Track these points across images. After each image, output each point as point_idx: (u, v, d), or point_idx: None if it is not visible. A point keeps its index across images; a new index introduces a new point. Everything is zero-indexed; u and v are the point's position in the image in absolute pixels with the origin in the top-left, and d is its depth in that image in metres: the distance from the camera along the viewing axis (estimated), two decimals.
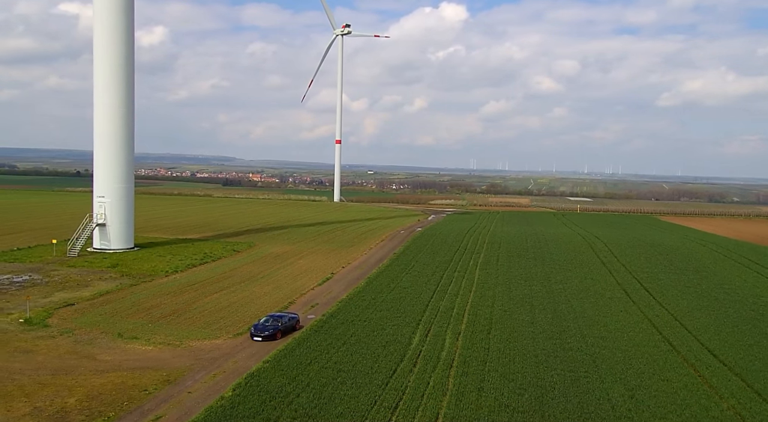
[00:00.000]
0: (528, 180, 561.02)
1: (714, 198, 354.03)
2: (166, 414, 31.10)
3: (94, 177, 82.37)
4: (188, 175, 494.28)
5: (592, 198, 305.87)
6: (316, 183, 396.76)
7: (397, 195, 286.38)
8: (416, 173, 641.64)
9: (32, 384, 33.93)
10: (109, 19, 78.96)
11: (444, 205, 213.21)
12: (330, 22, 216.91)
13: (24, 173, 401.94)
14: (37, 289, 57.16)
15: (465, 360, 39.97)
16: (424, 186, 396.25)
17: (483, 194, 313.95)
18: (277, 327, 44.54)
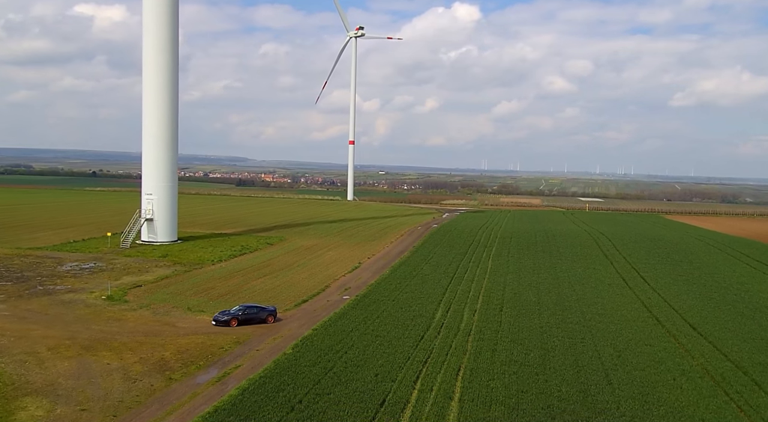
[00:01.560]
0: (539, 181, 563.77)
1: (726, 199, 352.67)
2: (243, 364, 39.08)
3: (142, 176, 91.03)
4: (201, 175, 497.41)
5: (604, 199, 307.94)
6: (328, 183, 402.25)
7: (408, 195, 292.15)
8: (427, 174, 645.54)
9: (132, 343, 42.09)
10: (157, 33, 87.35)
11: (455, 205, 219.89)
12: (344, 25, 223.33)
13: (41, 173, 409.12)
14: (106, 274, 65.60)
15: (481, 329, 47.65)
16: (436, 186, 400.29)
17: (494, 195, 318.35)
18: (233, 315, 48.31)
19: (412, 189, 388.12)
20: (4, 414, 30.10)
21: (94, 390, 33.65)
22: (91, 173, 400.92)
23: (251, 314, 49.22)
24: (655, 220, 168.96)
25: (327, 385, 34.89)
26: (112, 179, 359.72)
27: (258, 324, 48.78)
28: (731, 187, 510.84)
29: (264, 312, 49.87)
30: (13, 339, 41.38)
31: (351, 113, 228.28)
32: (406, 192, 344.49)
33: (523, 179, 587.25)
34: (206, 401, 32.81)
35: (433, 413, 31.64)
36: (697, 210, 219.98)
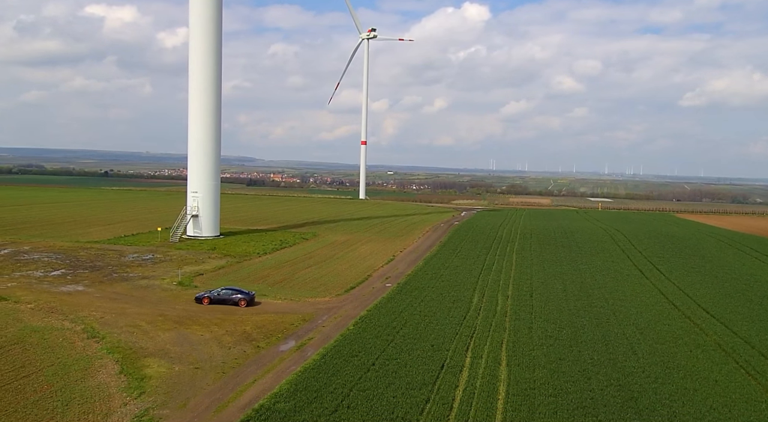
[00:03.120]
0: (548, 181, 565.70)
1: (737, 199, 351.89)
2: (314, 337, 45.17)
3: (188, 175, 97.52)
4: None
5: (613, 199, 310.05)
6: (337, 183, 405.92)
7: (418, 195, 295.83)
8: (436, 174, 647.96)
9: (214, 320, 48.31)
10: (203, 42, 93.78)
11: (465, 205, 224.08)
12: (356, 27, 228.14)
13: (54, 172, 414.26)
14: (167, 264, 72.02)
15: (516, 311, 53.54)
16: (445, 186, 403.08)
17: (504, 195, 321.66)
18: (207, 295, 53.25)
19: (421, 189, 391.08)
20: (135, 369, 36.34)
21: (198, 354, 39.86)
22: (103, 173, 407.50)
23: (225, 296, 53.09)
24: (666, 218, 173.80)
25: (392, 353, 40.92)
26: (124, 178, 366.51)
27: (231, 305, 52.53)
28: (741, 187, 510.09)
29: (238, 295, 53.00)
30: (114, 315, 47.73)
31: (363, 114, 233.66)
32: (415, 192, 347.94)
33: (531, 179, 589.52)
34: (293, 363, 38.93)
35: (487, 374, 37.57)
36: (708, 210, 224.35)
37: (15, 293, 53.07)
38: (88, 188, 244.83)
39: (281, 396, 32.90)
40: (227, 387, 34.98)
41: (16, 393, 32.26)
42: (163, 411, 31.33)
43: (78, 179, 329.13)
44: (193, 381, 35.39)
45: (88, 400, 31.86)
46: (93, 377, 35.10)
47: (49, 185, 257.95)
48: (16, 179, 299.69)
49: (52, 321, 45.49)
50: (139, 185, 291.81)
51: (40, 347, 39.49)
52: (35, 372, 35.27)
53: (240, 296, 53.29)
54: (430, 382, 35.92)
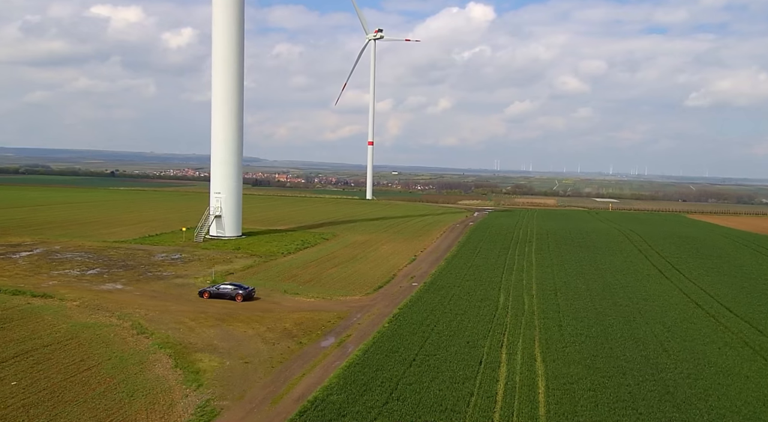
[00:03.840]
0: (553, 181, 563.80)
1: (742, 199, 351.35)
2: (352, 334, 46.67)
3: (211, 176, 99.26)
4: None
5: (619, 199, 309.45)
6: (342, 183, 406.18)
7: (423, 195, 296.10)
8: (440, 174, 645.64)
9: (254, 317, 49.90)
10: (225, 46, 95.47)
11: (473, 205, 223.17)
12: (363, 28, 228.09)
13: (60, 173, 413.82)
14: (197, 263, 73.74)
15: (543, 310, 54.90)
16: (449, 187, 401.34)
17: (509, 195, 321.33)
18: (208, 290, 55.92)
19: (426, 189, 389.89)
20: (188, 363, 37.95)
21: (245, 350, 41.44)
22: (109, 173, 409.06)
23: (224, 291, 55.35)
24: (678, 219, 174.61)
25: (430, 349, 42.39)
26: (130, 178, 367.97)
27: (228, 299, 54.59)
28: (747, 187, 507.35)
29: (236, 291, 55.01)
30: (158, 312, 49.40)
31: (370, 115, 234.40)
32: (421, 192, 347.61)
33: (536, 179, 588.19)
34: (337, 359, 40.45)
35: (525, 369, 38.98)
36: (717, 210, 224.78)
37: (58, 291, 54.85)
38: (98, 188, 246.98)
39: (333, 389, 34.43)
40: (278, 380, 36.55)
41: (82, 384, 33.91)
42: (223, 402, 32.91)
43: (85, 180, 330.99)
44: (245, 375, 36.98)
45: (150, 392, 33.48)
46: (150, 370, 36.73)
47: (57, 185, 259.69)
48: (25, 179, 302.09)
49: (99, 317, 47.20)
50: (147, 185, 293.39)
51: (94, 342, 41.17)
52: (95, 365, 36.92)
53: (238, 292, 54.90)
54: (471, 377, 37.38)
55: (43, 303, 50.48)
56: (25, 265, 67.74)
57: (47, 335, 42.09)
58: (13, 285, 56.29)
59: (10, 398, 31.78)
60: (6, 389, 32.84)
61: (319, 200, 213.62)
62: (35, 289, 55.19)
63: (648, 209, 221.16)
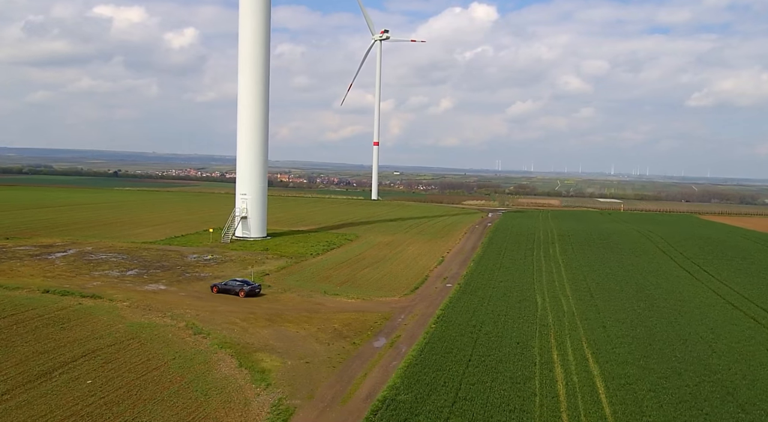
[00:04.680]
0: (555, 181, 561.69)
1: (745, 200, 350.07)
2: (401, 335, 47.35)
3: (236, 178, 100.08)
4: (217, 175, 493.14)
5: (622, 199, 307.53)
6: (344, 183, 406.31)
7: (427, 196, 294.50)
8: (442, 174, 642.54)
9: (301, 317, 50.62)
10: (252, 49, 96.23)
11: (478, 205, 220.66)
12: (369, 28, 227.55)
13: (63, 173, 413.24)
14: (230, 264, 74.48)
15: (583, 311, 55.53)
16: (452, 187, 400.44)
17: (512, 195, 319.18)
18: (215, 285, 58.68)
19: (428, 189, 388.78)
20: (251, 363, 38.65)
21: (302, 350, 42.14)
22: (113, 173, 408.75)
23: (229, 286, 57.82)
24: (691, 220, 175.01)
25: (483, 350, 43.03)
26: (134, 179, 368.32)
27: (233, 294, 56.97)
28: (750, 188, 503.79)
29: (241, 286, 57.21)
30: (208, 313, 50.14)
31: (375, 115, 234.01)
32: (424, 192, 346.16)
33: (538, 179, 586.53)
34: (393, 359, 41.13)
35: (580, 370, 39.62)
36: (731, 211, 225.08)
37: (105, 292, 55.61)
38: (111, 189, 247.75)
39: (399, 389, 35.10)
40: (342, 380, 37.24)
41: (155, 383, 34.64)
42: (294, 401, 33.61)
43: (89, 180, 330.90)
44: (309, 374, 37.67)
45: (223, 391, 34.20)
46: (217, 370, 37.45)
47: (61, 185, 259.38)
48: (30, 180, 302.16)
49: (152, 317, 47.95)
50: (152, 185, 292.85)
51: (154, 342, 41.91)
52: (162, 364, 37.65)
53: (243, 287, 56.90)
54: (530, 377, 38.03)
55: (94, 304, 51.25)
56: (63, 266, 68.53)
57: (107, 335, 42.85)
58: (59, 286, 57.09)
59: (90, 396, 32.53)
60: (83, 387, 33.58)
61: (329, 201, 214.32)
62: (82, 290, 55.94)
63: (660, 210, 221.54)
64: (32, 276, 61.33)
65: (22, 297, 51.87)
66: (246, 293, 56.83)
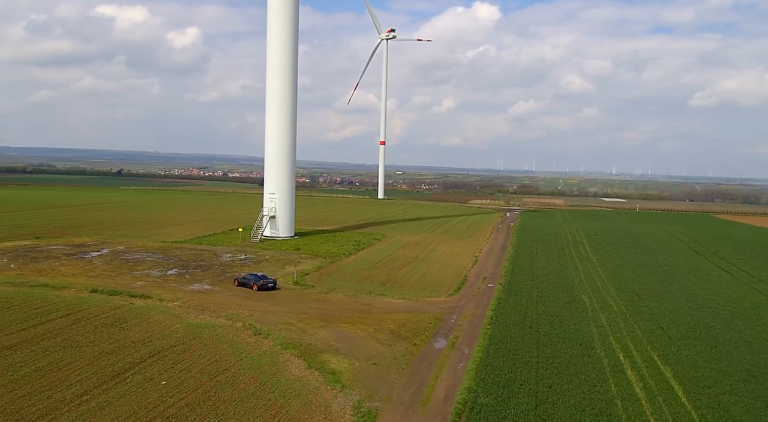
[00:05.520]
0: (557, 181, 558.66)
1: (748, 199, 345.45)
2: (459, 336, 46.74)
3: (265, 177, 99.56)
4: (220, 175, 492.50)
5: (626, 199, 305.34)
6: (347, 183, 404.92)
7: (431, 195, 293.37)
8: (444, 174, 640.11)
9: (354, 318, 50.06)
10: (281, 49, 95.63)
11: (484, 205, 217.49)
12: (375, 27, 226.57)
13: (67, 172, 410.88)
14: (267, 264, 73.97)
15: (635, 312, 54.85)
16: (455, 186, 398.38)
17: (516, 195, 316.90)
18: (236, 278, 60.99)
19: (431, 189, 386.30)
20: (319, 364, 38.10)
21: (366, 351, 41.58)
22: (116, 172, 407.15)
23: (246, 280, 59.87)
24: (711, 220, 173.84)
25: (547, 352, 42.39)
26: (138, 178, 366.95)
27: (247, 288, 58.88)
28: (752, 187, 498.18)
29: (253, 281, 59.11)
30: (260, 313, 49.61)
31: (382, 115, 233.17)
32: (427, 192, 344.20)
33: (540, 179, 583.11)
34: (459, 360, 40.55)
35: (654, 373, 38.90)
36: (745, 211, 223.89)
37: (152, 292, 55.13)
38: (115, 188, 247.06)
39: (477, 392, 34.51)
40: (415, 381, 36.67)
41: (230, 385, 34.11)
42: (374, 403, 33.05)
43: (92, 179, 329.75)
44: (380, 376, 37.10)
45: (300, 392, 33.66)
46: (287, 371, 36.92)
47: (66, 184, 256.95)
48: (34, 179, 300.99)
49: (207, 318, 47.45)
50: (158, 184, 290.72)
51: (217, 342, 41.39)
52: (231, 366, 37.13)
53: (256, 282, 58.64)
54: (604, 379, 37.39)
55: (145, 304, 50.78)
56: (102, 265, 68.11)
57: (168, 335, 42.36)
58: (105, 285, 56.63)
59: (169, 397, 32.02)
60: (159, 388, 33.08)
61: (341, 200, 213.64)
62: (129, 289, 55.49)
63: (676, 210, 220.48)
64: (75, 276, 60.95)
65: (72, 297, 51.47)
66: (258, 287, 58.40)
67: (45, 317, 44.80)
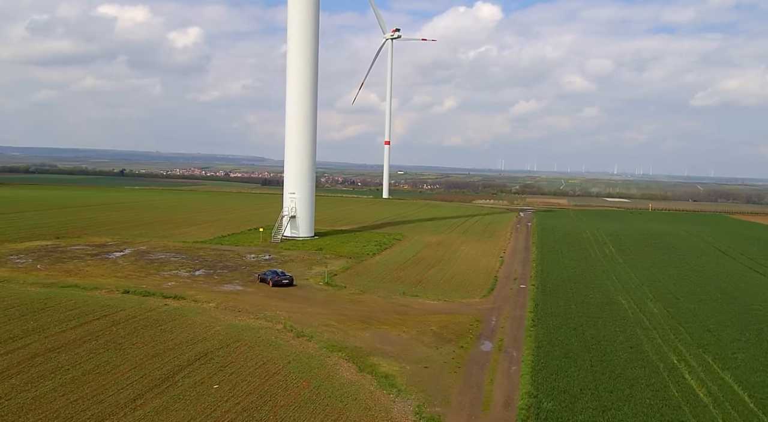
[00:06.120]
0: (559, 181, 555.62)
1: (751, 199, 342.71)
2: (503, 338, 45.66)
3: (285, 177, 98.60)
4: (222, 175, 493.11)
5: (629, 199, 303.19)
6: (349, 183, 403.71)
7: (435, 195, 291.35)
8: (445, 174, 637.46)
9: (394, 320, 48.99)
10: (301, 48, 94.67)
11: (486, 205, 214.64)
12: (381, 27, 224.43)
13: (69, 172, 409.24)
14: (293, 264, 72.92)
15: (676, 314, 53.64)
16: (457, 186, 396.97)
17: (519, 195, 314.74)
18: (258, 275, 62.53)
19: (434, 189, 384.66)
20: (370, 367, 37.02)
21: (414, 354, 40.50)
22: (118, 172, 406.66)
23: (266, 276, 61.18)
24: (726, 220, 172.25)
25: (599, 354, 41.20)
26: (140, 178, 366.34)
27: (265, 284, 60.33)
28: (755, 187, 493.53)
29: (270, 277, 60.42)
30: (298, 314, 48.58)
31: (387, 114, 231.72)
32: (430, 192, 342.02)
33: (542, 179, 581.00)
34: (511, 363, 39.48)
35: (713, 377, 37.65)
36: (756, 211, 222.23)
37: (185, 292, 54.12)
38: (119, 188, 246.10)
39: (538, 397, 33.40)
40: (470, 385, 35.60)
41: (283, 389, 33.07)
42: (435, 408, 31.98)
43: (96, 179, 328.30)
44: (434, 380, 36.02)
45: (356, 397, 32.60)
46: (338, 374, 35.85)
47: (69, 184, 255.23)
48: (37, 179, 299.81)
49: (246, 319, 46.43)
50: (161, 184, 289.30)
51: (261, 344, 40.37)
52: (281, 369, 36.10)
53: (272, 278, 60.00)
54: (664, 385, 36.21)
55: (180, 304, 49.78)
56: (127, 265, 67.15)
57: (210, 337, 41.35)
58: (135, 286, 55.66)
59: (223, 401, 31.00)
60: (212, 392, 32.05)
61: (349, 200, 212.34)
62: (161, 290, 54.51)
63: (688, 210, 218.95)
64: (104, 276, 59.99)
65: (105, 298, 50.51)
66: (273, 284, 59.57)
67: (82, 318, 43.84)
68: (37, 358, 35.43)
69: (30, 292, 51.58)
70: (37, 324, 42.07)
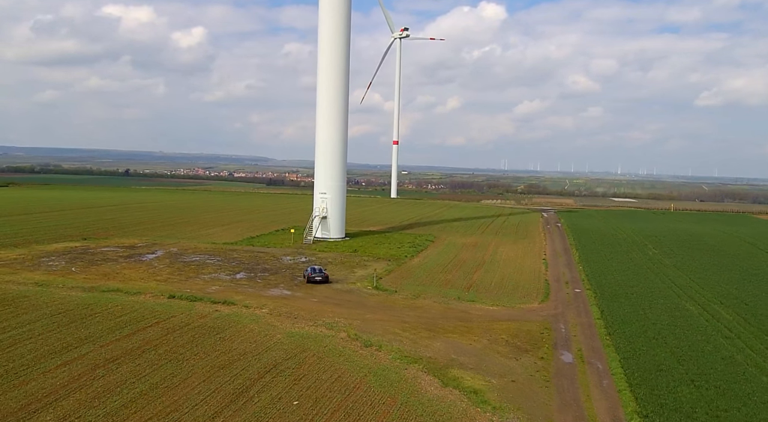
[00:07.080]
0: (563, 181, 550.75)
1: (758, 199, 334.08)
2: (581, 348, 42.63)
3: (315, 177, 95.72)
4: (226, 175, 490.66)
5: (635, 199, 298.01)
6: (353, 183, 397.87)
7: (441, 195, 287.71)
8: (449, 173, 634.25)
9: (459, 328, 46.04)
10: (332, 47, 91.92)
11: (496, 205, 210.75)
12: (389, 26, 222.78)
13: (74, 172, 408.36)
14: (332, 267, 69.88)
15: (757, 322, 50.45)
16: (462, 186, 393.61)
17: (525, 195, 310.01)
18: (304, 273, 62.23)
19: (439, 189, 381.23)
20: (453, 381, 34.13)
21: (494, 366, 37.57)
22: (123, 172, 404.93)
23: (305, 273, 61.48)
24: (754, 220, 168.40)
25: (693, 367, 38.16)
26: (145, 178, 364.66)
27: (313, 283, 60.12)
28: (761, 187, 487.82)
29: (308, 272, 60.86)
30: (359, 321, 45.71)
31: (395, 114, 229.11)
32: (435, 192, 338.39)
33: (546, 179, 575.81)
34: (600, 377, 36.52)
35: None
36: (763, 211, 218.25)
37: (233, 297, 51.33)
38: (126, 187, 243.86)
39: (649, 416, 30.45)
40: (568, 402, 32.64)
41: (370, 406, 30.23)
42: None
43: (101, 179, 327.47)
44: (527, 396, 33.09)
45: (451, 415, 29.71)
46: (422, 389, 32.97)
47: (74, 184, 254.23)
48: (43, 179, 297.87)
49: (305, 327, 43.60)
50: (167, 184, 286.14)
51: (330, 355, 37.52)
52: (359, 383, 33.24)
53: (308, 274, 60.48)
54: None
55: (231, 311, 47.02)
56: (163, 268, 64.47)
57: (273, 346, 38.54)
58: (179, 291, 52.93)
59: (309, 420, 28.17)
60: (294, 409, 29.24)
61: (366, 200, 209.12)
62: (208, 295, 51.76)
63: (711, 210, 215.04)
64: (143, 280, 57.31)
65: (152, 303, 47.82)
66: (308, 280, 59.84)
67: (134, 326, 41.15)
68: (98, 370, 32.71)
69: (72, 296, 48.94)
70: (88, 331, 39.40)
